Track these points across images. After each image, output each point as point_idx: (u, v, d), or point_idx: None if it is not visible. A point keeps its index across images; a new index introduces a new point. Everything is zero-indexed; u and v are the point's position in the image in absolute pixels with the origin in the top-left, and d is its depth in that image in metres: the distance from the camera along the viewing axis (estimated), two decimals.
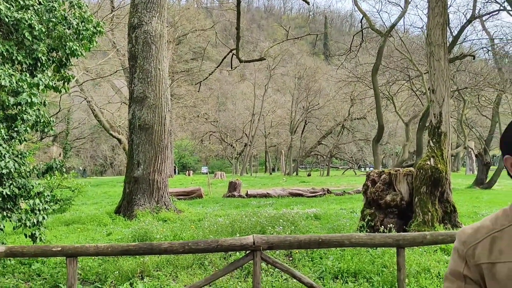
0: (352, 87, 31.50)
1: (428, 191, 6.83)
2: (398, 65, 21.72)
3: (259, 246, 4.52)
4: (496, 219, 1.31)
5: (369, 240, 4.51)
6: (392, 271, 5.15)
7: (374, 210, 7.17)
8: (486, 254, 1.27)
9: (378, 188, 7.24)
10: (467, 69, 21.12)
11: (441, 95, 7.31)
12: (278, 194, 16.96)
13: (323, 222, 8.63)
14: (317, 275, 5.45)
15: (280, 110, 50.30)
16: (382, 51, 15.52)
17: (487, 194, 17.05)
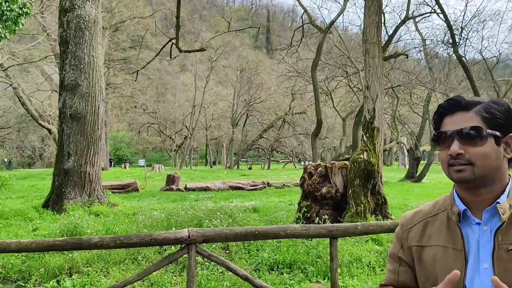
0: (293, 81, 32.00)
1: (361, 183, 7.08)
2: (337, 61, 22.31)
3: (194, 240, 4.42)
4: (435, 204, 1.35)
5: (303, 232, 4.56)
6: (325, 261, 5.27)
7: (311, 202, 7.31)
8: (417, 238, 1.31)
9: (314, 181, 7.38)
10: (400, 68, 22.13)
11: (375, 92, 7.57)
12: (218, 187, 16.88)
13: (261, 215, 8.68)
14: (253, 267, 5.46)
15: (222, 102, 50.10)
16: (322, 47, 15.86)
17: (417, 187, 18.08)
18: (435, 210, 1.31)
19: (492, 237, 1.16)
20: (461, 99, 1.21)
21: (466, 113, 1.20)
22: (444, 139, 1.20)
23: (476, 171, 1.15)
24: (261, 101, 46.08)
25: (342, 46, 20.05)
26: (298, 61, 25.11)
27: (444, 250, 1.22)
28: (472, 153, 1.15)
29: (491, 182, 1.19)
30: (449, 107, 1.23)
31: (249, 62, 47.30)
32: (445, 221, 1.26)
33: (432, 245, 1.26)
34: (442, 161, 1.22)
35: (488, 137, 1.17)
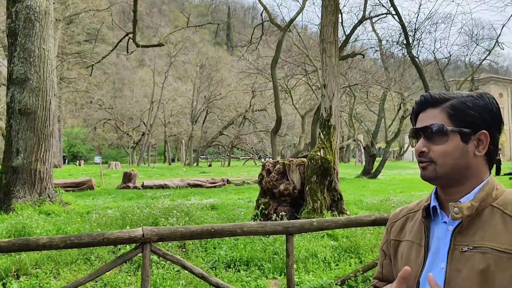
0: (254, 78, 32.10)
1: (318, 180, 7.19)
2: (296, 59, 22.55)
3: (149, 238, 4.34)
4: (421, 200, 1.32)
5: (260, 228, 4.58)
6: (282, 257, 5.31)
7: (269, 199, 7.35)
8: (396, 232, 1.33)
9: (272, 178, 7.42)
10: (358, 67, 22.68)
11: (331, 90, 7.70)
12: (176, 185, 16.66)
13: (220, 213, 8.64)
14: (210, 265, 5.42)
15: (181, 98, 49.46)
16: (281, 45, 15.97)
17: (372, 183, 18.56)
18: (418, 206, 1.31)
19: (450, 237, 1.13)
20: (429, 95, 1.20)
21: (434, 109, 1.19)
22: (415, 136, 1.21)
23: (438, 170, 1.14)
24: (221, 98, 45.88)
25: (301, 44, 20.29)
26: (258, 58, 25.20)
27: (411, 245, 1.23)
28: (435, 151, 1.15)
29: (459, 181, 1.16)
30: (421, 104, 1.22)
31: (209, 58, 46.98)
32: (419, 217, 1.25)
33: (405, 240, 1.27)
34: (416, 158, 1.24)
35: (451, 135, 1.14)
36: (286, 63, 22.39)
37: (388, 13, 16.30)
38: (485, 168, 1.17)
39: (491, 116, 1.17)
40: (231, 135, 46.20)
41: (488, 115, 1.16)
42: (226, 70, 45.09)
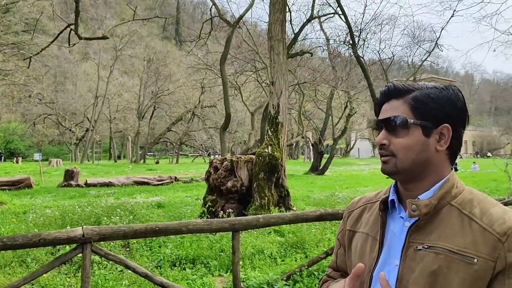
0: (203, 74, 31.77)
1: (266, 177, 7.23)
2: (246, 56, 22.54)
3: (89, 238, 4.16)
4: (380, 191, 1.29)
5: (206, 226, 4.52)
6: (228, 254, 5.29)
7: (216, 196, 7.29)
8: (352, 222, 1.29)
9: (220, 175, 7.38)
10: (306, 65, 23.06)
11: (279, 88, 7.76)
12: (122, 182, 16.17)
13: (166, 211, 8.48)
14: (155, 264, 5.30)
15: (127, 93, 47.99)
16: (230, 41, 15.91)
17: (320, 180, 18.99)
18: (376, 197, 1.26)
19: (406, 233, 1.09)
20: (392, 86, 1.14)
21: (397, 101, 1.13)
22: (377, 128, 1.16)
23: (398, 164, 1.09)
24: (169, 93, 45.01)
25: (251, 41, 20.31)
26: (207, 54, 24.95)
27: (366, 238, 1.19)
28: (395, 144, 1.09)
29: (419, 177, 1.11)
30: (385, 94, 1.16)
31: (157, 53, 45.92)
32: (376, 210, 1.20)
33: (360, 231, 1.23)
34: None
35: (413, 128, 1.09)
36: (236, 59, 22.34)
37: (335, 13, 16.68)
38: (447, 164, 1.13)
39: (455, 110, 1.11)
40: (179, 131, 45.46)
41: (451, 108, 1.11)
42: (174, 65, 44.25)
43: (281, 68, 7.76)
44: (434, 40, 20.83)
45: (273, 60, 7.80)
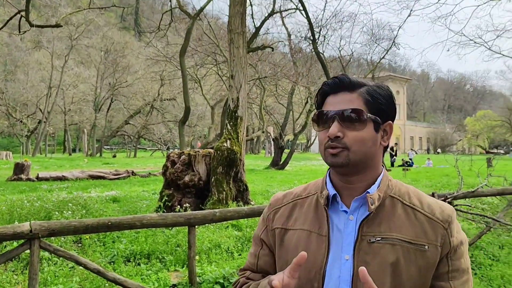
0: (162, 66, 31.17)
1: (224, 171, 7.18)
2: (206, 49, 22.32)
3: (37, 234, 3.99)
4: (307, 187, 1.27)
5: (161, 220, 4.44)
6: (185, 249, 5.23)
7: (173, 191, 7.18)
8: (283, 220, 1.22)
9: (177, 169, 7.26)
10: (267, 60, 23.12)
11: (239, 81, 7.72)
12: (76, 176, 15.64)
13: (122, 205, 8.26)
14: (108, 259, 5.16)
15: (83, 85, 46.36)
16: (190, 33, 15.65)
17: (280, 174, 19.13)
18: (306, 193, 1.23)
19: (357, 227, 1.09)
20: (346, 78, 1.13)
21: (349, 93, 1.11)
22: (325, 119, 1.11)
23: (351, 156, 1.08)
24: (127, 85, 43.82)
25: (211, 34, 20.11)
26: (167, 45, 24.50)
27: (308, 234, 1.14)
28: (350, 137, 1.08)
29: (364, 170, 1.13)
30: (334, 86, 1.13)
31: (114, 43, 44.55)
32: (313, 205, 1.18)
33: (296, 228, 1.17)
34: (320, 143, 1.13)
35: (368, 122, 1.10)
36: (196, 52, 22.07)
37: (296, 8, 16.78)
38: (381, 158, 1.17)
39: (394, 108, 1.16)
40: (137, 124, 44.44)
41: (392, 107, 1.15)
42: (133, 56, 43.07)
43: (241, 61, 7.71)
44: (392, 39, 21.45)
45: (232, 54, 7.74)
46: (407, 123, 69.50)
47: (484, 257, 5.84)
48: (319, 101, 1.17)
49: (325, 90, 1.14)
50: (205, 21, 20.17)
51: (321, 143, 1.13)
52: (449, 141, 67.96)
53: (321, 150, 1.13)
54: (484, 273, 5.29)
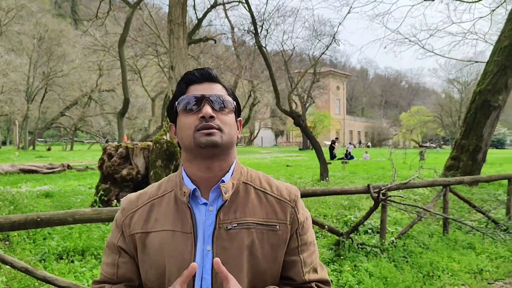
0: (101, 56, 29.97)
1: (163, 164, 7.06)
2: (147, 39, 21.76)
3: None
4: (160, 185, 1.23)
5: (95, 215, 4.29)
6: None
7: (110, 185, 6.97)
8: (141, 223, 1.16)
9: (114, 162, 7.05)
10: (210, 52, 22.95)
11: (179, 73, 7.61)
12: (6, 170, 14.69)
13: (54, 200, 7.89)
14: (39, 257, 4.92)
15: (14, 73, 43.40)
16: (130, 23, 15.18)
17: None
18: (161, 192, 1.20)
19: (215, 217, 1.12)
20: (212, 71, 1.20)
21: (214, 84, 1.18)
22: (195, 103, 1.13)
23: (224, 137, 1.11)
24: (63, 75, 41.56)
25: (153, 24, 19.62)
26: (105, 34, 23.58)
27: (173, 234, 1.12)
28: (222, 119, 1.13)
29: (227, 155, 1.17)
30: (199, 76, 1.18)
31: (49, 31, 42.06)
32: (172, 203, 1.16)
33: (158, 230, 1.13)
34: (187, 128, 1.12)
35: (232, 110, 1.19)
36: (136, 42, 21.44)
37: (239, 1, 16.74)
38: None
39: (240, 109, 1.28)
40: (74, 116, 42.45)
41: (239, 107, 1.27)
42: (69, 45, 40.93)
43: (181, 53, 7.60)
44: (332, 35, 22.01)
45: (172, 45, 7.61)
46: (347, 117, 71.98)
47: (415, 245, 6.20)
48: (183, 89, 1.18)
49: (191, 79, 1.18)
50: (146, 10, 19.60)
51: (189, 128, 1.12)
52: (385, 135, 71.22)
53: (189, 134, 1.12)
54: (414, 261, 5.62)
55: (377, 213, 6.61)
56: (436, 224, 7.44)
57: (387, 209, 6.17)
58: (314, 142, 12.62)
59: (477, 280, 5.22)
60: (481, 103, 11.15)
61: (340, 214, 7.48)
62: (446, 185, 7.02)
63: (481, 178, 8.58)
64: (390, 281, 4.88)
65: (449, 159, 11.64)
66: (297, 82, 17.41)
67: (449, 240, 6.55)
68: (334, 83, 63.80)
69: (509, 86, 11.21)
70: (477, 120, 11.17)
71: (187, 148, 1.15)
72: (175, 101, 1.18)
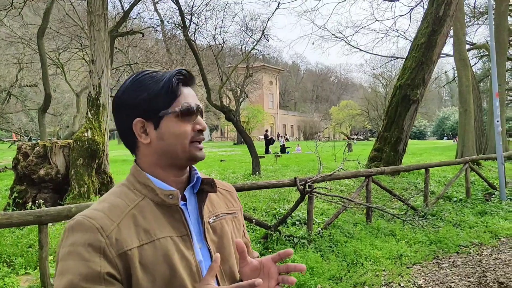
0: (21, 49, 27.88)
1: (85, 163, 6.73)
2: (70, 31, 20.59)
3: None
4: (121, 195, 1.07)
5: (5, 220, 3.99)
6: (37, 250, 4.77)
7: (26, 186, 6.52)
8: (133, 236, 0.99)
9: (30, 162, 6.59)
10: (139, 46, 22.23)
11: (100, 67, 7.26)
12: None
13: None
14: None
15: None
16: (49, 13, 14.23)
17: None
18: (131, 201, 1.04)
19: (197, 214, 1.12)
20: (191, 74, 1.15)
21: (192, 88, 1.15)
22: (192, 112, 1.08)
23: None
24: None
25: (76, 15, 18.60)
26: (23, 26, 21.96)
27: (172, 242, 1.03)
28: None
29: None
30: (189, 78, 1.12)
31: None
32: (155, 209, 1.05)
33: (154, 239, 1.01)
34: (184, 136, 1.07)
35: None
36: (58, 34, 20.22)
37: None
38: None
39: None
40: None
41: None
42: None
43: (103, 45, 7.25)
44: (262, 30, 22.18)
45: (93, 37, 7.23)
46: (280, 112, 73.33)
47: (340, 235, 6.43)
48: (176, 90, 1.08)
49: (182, 80, 1.10)
50: (67, 1, 18.52)
51: (185, 137, 1.07)
52: (317, 128, 73.41)
53: (184, 144, 1.07)
54: (339, 250, 5.82)
55: (304, 204, 6.77)
56: (360, 213, 7.77)
57: (313, 200, 6.34)
58: (245, 137, 12.68)
59: (397, 265, 5.52)
60: (401, 97, 11.82)
61: (269, 207, 7.58)
62: (368, 176, 7.35)
63: (401, 168, 9.11)
64: (316, 271, 5.02)
65: (373, 151, 12.24)
66: (227, 77, 17.39)
67: (372, 228, 6.87)
68: (267, 78, 64.58)
69: (426, 81, 12.00)
70: (398, 113, 11.83)
71: (173, 155, 1.08)
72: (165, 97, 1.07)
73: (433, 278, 5.16)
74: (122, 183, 1.13)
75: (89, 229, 0.96)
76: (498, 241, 6.70)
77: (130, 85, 1.09)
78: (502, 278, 5.10)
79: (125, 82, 1.12)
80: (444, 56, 23.91)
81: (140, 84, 1.08)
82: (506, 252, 6.15)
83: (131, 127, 1.08)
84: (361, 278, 4.97)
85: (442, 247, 6.29)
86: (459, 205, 8.89)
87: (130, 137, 1.11)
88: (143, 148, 1.10)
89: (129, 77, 1.13)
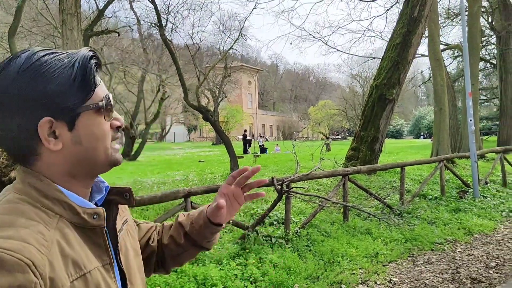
0: None
1: None
2: (43, 30, 20.16)
3: None
4: (34, 213, 0.78)
5: None
6: None
7: None
8: (63, 273, 0.74)
9: (1, 164, 6.38)
10: (114, 45, 21.90)
11: None
12: None
13: None
14: None
15: None
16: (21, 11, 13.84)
17: (131, 165, 18.44)
18: (47, 223, 0.77)
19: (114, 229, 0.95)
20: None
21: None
22: (112, 105, 0.90)
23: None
24: None
25: (49, 14, 18.20)
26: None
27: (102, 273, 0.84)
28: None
29: None
30: (100, 61, 0.91)
31: None
32: (75, 232, 0.82)
33: (84, 273, 0.79)
34: (105, 137, 0.87)
35: None
36: (31, 33, 19.75)
37: None
38: None
39: None
40: None
41: None
42: None
43: (76, 45, 7.08)
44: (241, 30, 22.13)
45: (66, 36, 7.06)
46: (259, 111, 73.49)
47: (317, 234, 6.45)
48: (94, 80, 0.86)
49: (98, 65, 0.90)
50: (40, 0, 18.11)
51: (108, 137, 0.88)
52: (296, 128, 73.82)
53: (106, 146, 0.87)
54: (317, 249, 5.84)
55: (282, 204, 6.77)
56: (337, 212, 7.82)
57: (291, 200, 6.35)
58: (223, 137, 12.63)
59: (373, 263, 5.58)
60: (377, 97, 11.96)
61: (247, 208, 7.55)
62: (345, 175, 7.40)
63: (377, 167, 9.21)
64: (293, 270, 5.02)
65: (350, 150, 12.35)
66: (205, 76, 17.28)
67: (349, 227, 6.92)
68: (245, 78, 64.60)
69: (402, 81, 12.17)
70: (374, 113, 11.97)
71: (91, 162, 0.86)
72: (80, 88, 0.83)
73: (409, 276, 5.23)
74: (9, 198, 0.79)
75: (14, 267, 0.67)
76: (471, 238, 6.85)
77: (24, 72, 0.79)
78: (474, 274, 5.21)
79: (7, 67, 0.80)
80: (419, 56, 24.33)
81: (41, 70, 0.80)
82: (478, 248, 6.29)
83: (29, 130, 0.79)
84: (338, 277, 5.00)
85: (417, 244, 6.39)
86: (434, 203, 9.05)
87: (23, 143, 0.81)
88: (48, 156, 0.82)
89: (9, 59, 0.81)
